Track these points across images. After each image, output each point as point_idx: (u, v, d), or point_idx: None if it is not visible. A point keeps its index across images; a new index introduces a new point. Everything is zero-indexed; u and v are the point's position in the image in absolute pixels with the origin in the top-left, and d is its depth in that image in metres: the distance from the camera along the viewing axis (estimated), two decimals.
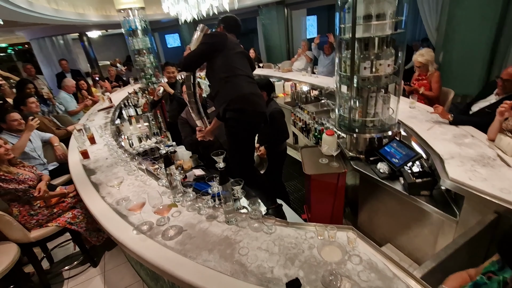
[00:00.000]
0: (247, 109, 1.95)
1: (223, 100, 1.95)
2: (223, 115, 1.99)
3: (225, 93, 1.95)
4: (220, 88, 1.98)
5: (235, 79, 1.96)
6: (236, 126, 1.99)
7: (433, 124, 2.33)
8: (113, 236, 1.49)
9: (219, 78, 1.97)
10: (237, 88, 1.95)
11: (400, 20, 1.97)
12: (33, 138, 2.86)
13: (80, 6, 5.59)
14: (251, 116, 1.98)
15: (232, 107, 1.93)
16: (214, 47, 1.97)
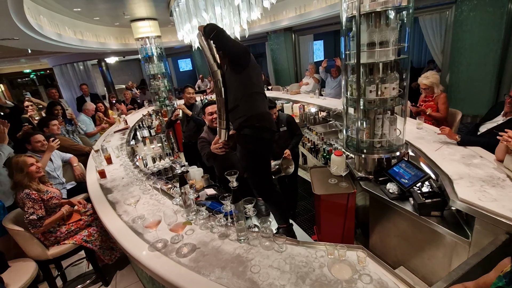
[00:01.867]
0: (266, 126, 1.99)
1: (241, 115, 1.95)
2: (238, 130, 2.02)
3: (244, 109, 1.95)
4: (239, 103, 1.96)
5: (256, 95, 2.00)
6: (254, 143, 2.01)
7: (441, 144, 2.35)
8: (129, 253, 1.55)
9: (240, 93, 1.95)
10: (258, 104, 2.00)
11: (403, 46, 2.08)
12: (54, 158, 3.02)
13: (102, 36, 6.03)
14: (268, 133, 2.03)
15: (250, 123, 1.95)
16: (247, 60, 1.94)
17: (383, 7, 1.92)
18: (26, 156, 2.22)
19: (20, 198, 2.10)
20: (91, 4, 4.18)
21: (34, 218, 2.08)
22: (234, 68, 1.92)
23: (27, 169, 2.15)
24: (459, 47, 4.56)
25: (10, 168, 2.14)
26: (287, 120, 3.09)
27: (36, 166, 2.20)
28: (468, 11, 4.30)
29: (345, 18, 2.14)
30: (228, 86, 1.98)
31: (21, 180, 2.12)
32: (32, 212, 2.08)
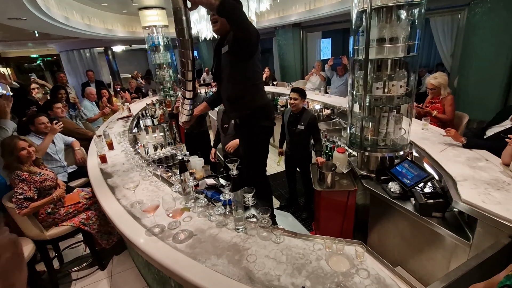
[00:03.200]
0: (272, 116, 2.08)
1: (248, 107, 1.96)
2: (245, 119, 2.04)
3: (252, 100, 1.96)
4: (245, 93, 1.93)
5: (261, 86, 2.01)
6: (262, 133, 2.07)
7: (446, 146, 2.32)
8: (126, 237, 1.54)
9: (246, 84, 1.92)
10: (263, 95, 2.03)
11: (413, 44, 2.04)
12: (57, 141, 3.02)
13: (109, 22, 6.00)
14: (273, 122, 2.11)
15: (259, 114, 1.99)
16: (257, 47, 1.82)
17: (395, 2, 1.89)
18: (19, 139, 2.18)
19: (12, 180, 2.10)
20: None
21: (20, 198, 2.04)
22: (241, 54, 1.81)
23: (17, 153, 2.13)
24: (469, 51, 4.48)
25: (2, 148, 2.12)
26: (310, 121, 2.90)
27: (27, 151, 2.17)
28: (481, 15, 4.22)
29: (355, 14, 2.10)
30: (229, 73, 1.91)
31: (11, 162, 2.11)
32: (21, 192, 2.05)
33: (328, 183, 2.40)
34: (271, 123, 2.11)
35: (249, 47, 1.76)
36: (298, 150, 3.10)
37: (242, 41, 1.71)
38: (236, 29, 1.62)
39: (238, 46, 1.75)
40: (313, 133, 2.95)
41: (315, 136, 2.96)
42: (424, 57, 7.88)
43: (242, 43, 1.72)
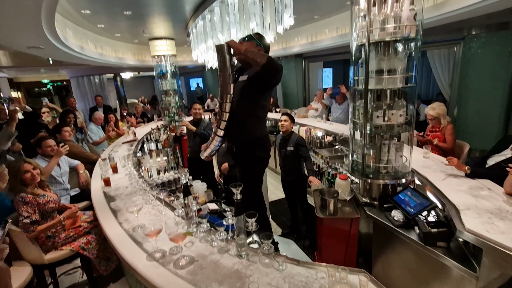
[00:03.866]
0: (268, 148, 2.19)
1: (248, 134, 2.06)
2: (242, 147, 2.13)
3: (251, 128, 2.07)
4: (247, 121, 2.04)
5: (264, 119, 2.17)
6: (257, 163, 2.15)
7: (448, 174, 2.33)
8: (126, 261, 1.53)
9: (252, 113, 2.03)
10: (263, 127, 2.17)
11: (411, 75, 2.14)
12: (62, 164, 3.07)
13: (120, 51, 6.33)
14: (268, 154, 2.21)
15: (256, 144, 2.09)
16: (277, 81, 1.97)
17: (392, 37, 2.01)
18: (24, 162, 2.23)
19: (16, 201, 2.11)
20: (115, 21, 4.45)
21: (27, 222, 2.05)
22: (258, 88, 1.96)
23: (21, 176, 2.16)
24: (466, 82, 4.63)
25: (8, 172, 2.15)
26: (297, 141, 3.11)
27: (31, 174, 2.20)
28: (476, 48, 4.42)
29: (355, 47, 2.23)
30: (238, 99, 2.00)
31: (15, 185, 2.14)
32: (26, 216, 2.07)
33: (331, 210, 2.38)
34: (266, 155, 2.20)
35: (269, 87, 2.00)
36: (291, 173, 3.23)
37: (267, 83, 1.93)
38: (271, 78, 1.87)
39: (263, 84, 1.93)
40: (302, 152, 3.10)
41: (304, 155, 3.10)
42: (424, 87, 8.11)
43: (264, 83, 1.92)
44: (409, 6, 1.95)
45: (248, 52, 1.79)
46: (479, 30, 4.31)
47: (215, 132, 2.06)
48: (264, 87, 1.96)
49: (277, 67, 1.79)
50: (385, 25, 1.98)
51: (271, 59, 1.75)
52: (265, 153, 2.18)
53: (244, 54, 1.80)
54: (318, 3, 4.46)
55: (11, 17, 2.45)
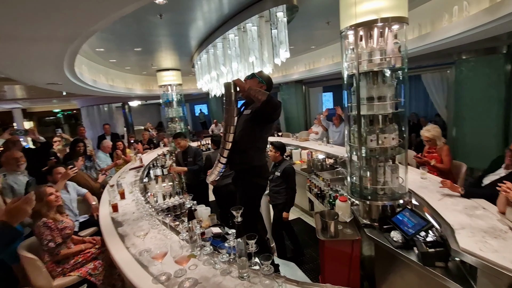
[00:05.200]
0: (266, 175, 2.38)
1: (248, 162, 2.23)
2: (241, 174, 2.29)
3: (251, 158, 2.24)
4: (248, 151, 2.22)
5: (264, 150, 2.35)
6: (254, 189, 2.30)
7: (444, 195, 2.39)
8: (133, 285, 1.59)
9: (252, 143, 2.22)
10: (262, 157, 2.33)
11: (399, 101, 2.28)
12: (71, 190, 3.20)
13: (129, 82, 6.72)
14: (266, 181, 2.41)
15: (254, 172, 2.25)
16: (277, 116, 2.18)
17: (379, 67, 2.18)
18: (46, 186, 2.40)
19: (37, 226, 2.22)
20: (125, 57, 4.81)
21: (52, 246, 2.19)
22: (258, 122, 2.16)
23: (46, 198, 2.31)
24: (461, 104, 4.78)
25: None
26: (285, 169, 3.25)
27: (55, 196, 2.37)
28: (467, 71, 4.61)
29: (346, 75, 2.41)
30: (241, 130, 2.20)
31: (40, 208, 2.26)
32: (50, 239, 2.20)
33: (332, 232, 2.42)
34: (263, 182, 2.39)
35: (269, 122, 2.20)
36: (274, 198, 3.35)
37: (267, 119, 2.14)
38: (270, 114, 2.08)
39: (261, 118, 2.13)
40: (287, 181, 3.23)
41: (288, 184, 3.24)
42: (421, 108, 8.28)
43: (265, 118, 2.13)
44: (393, 40, 2.14)
45: (251, 90, 2.02)
46: (468, 55, 4.53)
47: (218, 160, 2.23)
48: (264, 121, 2.15)
49: (276, 104, 2.00)
50: (372, 57, 2.17)
51: (270, 97, 1.96)
52: (263, 180, 2.36)
53: (247, 92, 2.03)
54: (314, 35, 4.78)
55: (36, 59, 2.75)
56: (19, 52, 2.59)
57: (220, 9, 2.99)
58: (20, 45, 2.40)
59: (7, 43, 2.32)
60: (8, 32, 2.10)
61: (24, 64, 2.92)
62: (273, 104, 1.98)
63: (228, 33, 3.38)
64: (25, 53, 2.58)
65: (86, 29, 2.16)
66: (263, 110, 2.02)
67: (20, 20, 1.94)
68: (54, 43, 2.39)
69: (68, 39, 2.33)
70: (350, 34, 2.22)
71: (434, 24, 3.35)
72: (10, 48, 2.46)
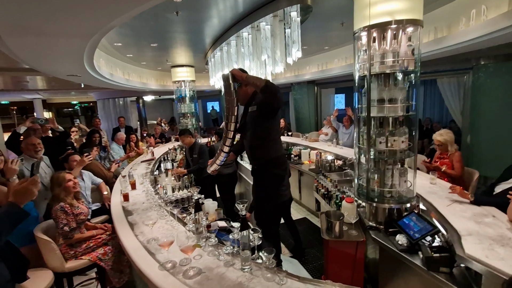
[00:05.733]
0: (283, 166, 2.42)
1: (266, 155, 2.32)
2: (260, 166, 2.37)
3: (268, 150, 2.32)
4: (264, 145, 2.32)
5: (278, 139, 2.42)
6: (273, 179, 2.37)
7: (453, 201, 2.36)
8: (141, 270, 1.66)
9: (267, 136, 2.31)
10: (279, 147, 2.41)
11: (411, 104, 2.26)
12: (86, 179, 3.33)
13: (145, 77, 6.88)
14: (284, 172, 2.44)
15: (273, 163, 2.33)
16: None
17: (391, 69, 2.17)
18: (65, 172, 2.53)
19: (54, 210, 2.35)
20: (142, 52, 4.94)
21: (66, 230, 2.31)
22: (266, 115, 2.24)
23: (65, 184, 2.43)
24: (478, 110, 4.65)
25: (52, 181, 2.44)
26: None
27: (73, 182, 2.49)
28: (485, 78, 4.49)
29: (357, 77, 2.41)
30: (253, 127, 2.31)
31: (59, 193, 2.39)
32: (65, 223, 2.32)
33: (336, 232, 2.43)
34: (282, 172, 2.42)
35: (275, 111, 2.23)
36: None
37: (271, 107, 2.18)
38: (272, 100, 2.11)
39: (266, 109, 2.20)
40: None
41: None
42: (436, 114, 8.09)
43: (269, 108, 2.19)
44: (407, 42, 2.13)
45: (249, 78, 2.12)
46: (487, 60, 4.40)
47: (221, 149, 2.30)
48: (270, 110, 2.21)
49: (275, 88, 2.05)
50: (384, 59, 2.16)
51: (269, 82, 2.04)
52: (281, 170, 2.41)
53: (246, 80, 2.11)
54: (328, 36, 4.76)
55: (59, 52, 2.88)
56: (43, 45, 2.73)
57: (235, 7, 3.03)
58: (45, 38, 2.52)
59: (33, 37, 2.45)
60: (35, 27, 2.22)
61: (48, 56, 3.07)
62: (272, 89, 2.02)
63: (242, 31, 3.42)
64: (49, 46, 2.72)
65: (106, 24, 2.25)
66: (264, 98, 2.09)
67: (46, 15, 2.04)
68: (75, 38, 2.51)
69: (89, 33, 2.44)
70: (363, 35, 2.22)
71: (451, 27, 3.28)
72: (36, 42, 2.60)
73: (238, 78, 2.12)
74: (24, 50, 2.90)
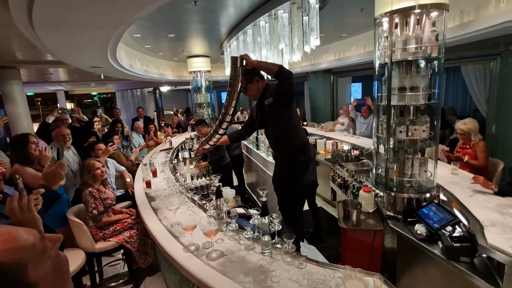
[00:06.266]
0: (308, 153, 2.43)
1: (290, 145, 2.34)
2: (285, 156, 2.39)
3: (292, 139, 2.34)
4: (287, 134, 2.34)
5: (299, 126, 2.42)
6: (298, 166, 2.40)
7: (476, 191, 2.30)
8: (167, 252, 1.76)
9: (288, 126, 2.33)
10: (302, 135, 2.42)
11: (434, 92, 2.20)
12: (110, 166, 3.49)
13: (162, 67, 6.99)
14: (309, 158, 2.46)
15: (299, 151, 2.35)
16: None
17: (413, 56, 2.11)
18: (95, 160, 2.67)
19: (84, 194, 2.51)
20: (160, 42, 5.01)
21: (95, 213, 2.48)
22: (284, 104, 2.24)
23: (94, 172, 2.57)
24: (505, 98, 4.43)
25: (82, 167, 2.60)
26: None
27: (101, 170, 2.63)
28: None
29: (378, 65, 2.36)
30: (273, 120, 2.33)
31: (87, 180, 2.54)
32: (94, 207, 2.49)
33: (354, 221, 2.45)
34: (307, 159, 2.45)
35: (291, 98, 2.22)
36: None
37: (287, 95, 2.16)
38: (286, 87, 2.10)
39: (283, 98, 2.19)
40: None
41: None
42: (459, 103, 7.75)
43: (286, 96, 2.18)
44: (431, 28, 2.06)
45: (261, 63, 2.09)
46: None
47: (216, 130, 2.33)
48: (288, 99, 2.20)
49: (288, 72, 2.04)
50: (406, 45, 2.10)
51: (282, 67, 2.02)
52: (305, 157, 2.43)
53: (258, 66, 2.08)
54: (346, 23, 4.63)
55: (85, 44, 3.00)
56: (72, 37, 2.86)
57: None
58: (74, 31, 2.64)
59: (60, 30, 2.56)
60: (62, 20, 2.31)
61: (75, 48, 3.21)
62: (285, 73, 2.02)
63: (259, 19, 3.40)
64: (77, 38, 2.83)
65: (132, 15, 2.31)
66: (279, 85, 2.08)
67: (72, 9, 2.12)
68: (100, 30, 2.60)
69: (115, 25, 2.51)
70: (384, 21, 2.16)
71: (479, 11, 3.11)
72: (63, 35, 2.72)
73: (248, 63, 2.07)
74: (54, 42, 3.04)
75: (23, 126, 5.69)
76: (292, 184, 2.42)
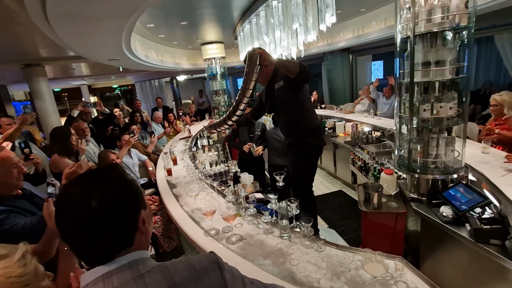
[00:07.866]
0: (321, 137, 2.41)
1: (303, 127, 2.31)
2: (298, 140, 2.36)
3: (306, 121, 2.31)
4: (300, 117, 2.31)
5: (312, 108, 2.38)
6: (311, 150, 2.37)
7: (510, 171, 2.16)
8: (189, 236, 1.83)
9: (301, 108, 2.29)
10: (315, 117, 2.38)
11: (462, 66, 2.04)
12: (133, 156, 3.63)
13: (177, 57, 7.03)
14: (322, 142, 2.43)
15: (312, 134, 2.33)
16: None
17: (439, 27, 1.95)
18: (110, 152, 2.77)
19: None
20: (173, 31, 5.01)
21: None
22: (297, 86, 2.18)
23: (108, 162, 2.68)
24: None
25: (98, 159, 2.71)
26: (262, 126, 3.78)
27: (115, 161, 2.72)
28: None
29: (399, 39, 2.21)
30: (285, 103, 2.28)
31: None
32: None
33: (375, 204, 2.40)
34: (320, 143, 2.41)
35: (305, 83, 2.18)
36: None
37: (301, 82, 2.13)
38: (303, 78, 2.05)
39: (296, 83, 2.13)
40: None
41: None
42: (493, 76, 7.17)
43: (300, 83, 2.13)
44: None
45: (281, 63, 2.00)
46: None
47: (225, 121, 2.31)
48: (300, 86, 2.17)
49: (310, 72, 2.03)
50: (431, 16, 1.94)
51: (303, 67, 1.95)
52: (318, 141, 2.39)
53: (277, 65, 2.01)
54: None
55: (99, 38, 3.07)
56: (84, 31, 2.91)
57: None
58: (84, 24, 2.68)
59: (74, 24, 2.62)
60: (74, 12, 2.35)
61: (90, 41, 3.30)
62: (306, 73, 1.98)
63: (271, 0, 3.27)
64: (91, 30, 2.89)
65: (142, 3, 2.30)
66: (296, 80, 2.02)
67: None
68: (112, 20, 2.62)
69: (126, 14, 2.52)
70: None
71: None
72: (77, 28, 2.78)
73: (266, 61, 1.98)
74: (70, 37, 3.12)
75: (52, 120, 6.02)
76: (307, 170, 2.41)
